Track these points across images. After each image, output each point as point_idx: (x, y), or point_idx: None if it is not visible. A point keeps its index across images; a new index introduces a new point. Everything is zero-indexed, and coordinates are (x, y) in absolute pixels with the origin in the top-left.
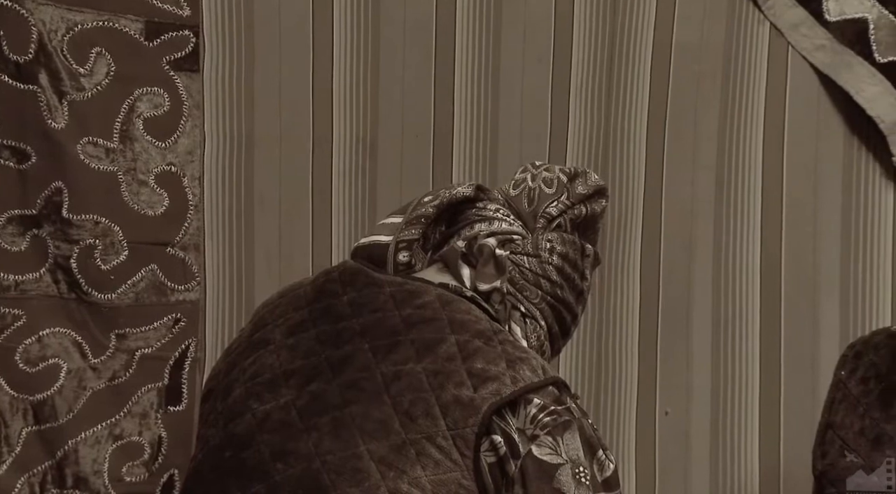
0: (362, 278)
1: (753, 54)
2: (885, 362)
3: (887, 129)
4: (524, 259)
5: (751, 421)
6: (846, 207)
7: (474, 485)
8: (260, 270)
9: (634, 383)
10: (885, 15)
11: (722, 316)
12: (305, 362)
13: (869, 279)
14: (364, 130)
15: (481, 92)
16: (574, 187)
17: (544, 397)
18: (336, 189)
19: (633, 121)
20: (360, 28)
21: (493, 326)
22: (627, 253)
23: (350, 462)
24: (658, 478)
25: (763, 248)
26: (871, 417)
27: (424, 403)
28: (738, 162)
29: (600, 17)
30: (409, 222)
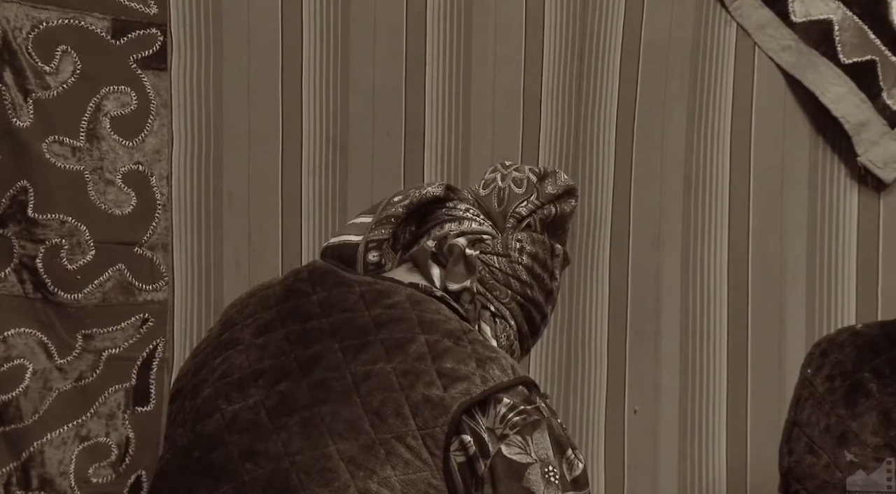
0: (332, 278)
1: (721, 55)
2: (850, 360)
3: (852, 130)
4: (494, 258)
5: (718, 419)
6: (812, 207)
7: (444, 485)
8: (229, 270)
9: (603, 382)
10: (849, 17)
11: (690, 316)
12: (275, 362)
13: (834, 278)
14: (334, 130)
15: (452, 91)
16: (544, 187)
17: (514, 396)
18: (306, 188)
19: (603, 122)
20: (330, 27)
21: (462, 326)
22: (596, 253)
23: (319, 462)
24: (627, 476)
25: (730, 247)
26: (836, 414)
27: (394, 403)
28: (705, 161)
29: (570, 18)
30: (379, 222)
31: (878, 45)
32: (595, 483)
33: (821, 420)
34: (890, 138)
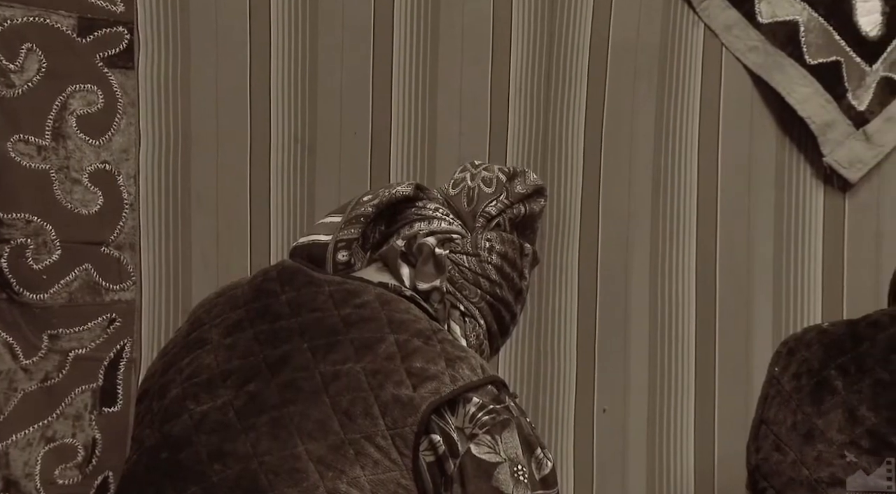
0: (301, 277)
1: (688, 55)
2: (816, 358)
3: (818, 130)
4: (463, 258)
5: (686, 418)
6: (779, 206)
7: (413, 485)
8: (197, 270)
9: (573, 381)
10: (814, 18)
11: (658, 315)
12: (243, 362)
13: (801, 277)
14: (302, 129)
15: (419, 91)
16: (513, 186)
17: (483, 396)
18: (274, 188)
19: (571, 122)
20: (298, 27)
21: (432, 325)
22: (566, 252)
23: (288, 463)
24: (596, 475)
25: (698, 247)
26: (803, 412)
27: (363, 403)
28: (673, 161)
29: (538, 18)
30: (349, 221)
31: (842, 46)
32: (564, 481)
33: (788, 418)
34: (855, 139)
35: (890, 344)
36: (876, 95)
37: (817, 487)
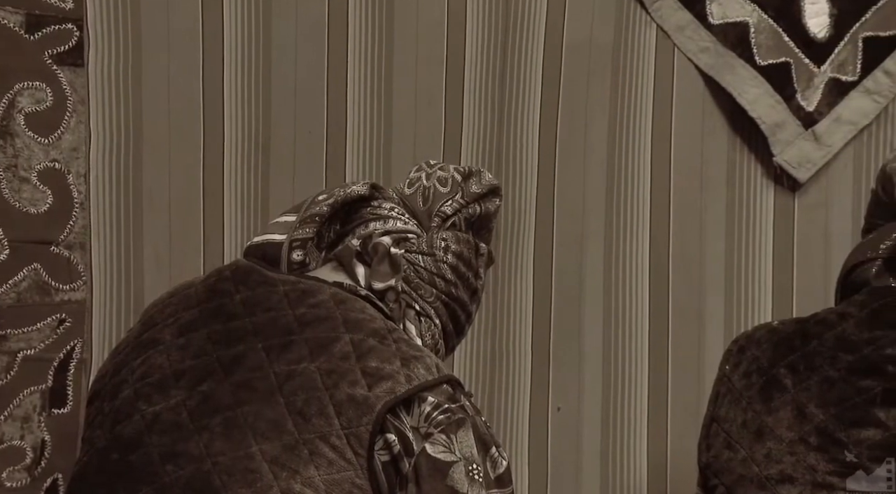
0: (255, 277)
1: (641, 55)
2: (766, 356)
3: (768, 130)
4: (419, 257)
5: (640, 416)
6: (730, 206)
7: (368, 484)
8: (149, 269)
9: (527, 380)
10: (764, 19)
11: (612, 313)
12: (196, 362)
13: (751, 275)
14: (256, 128)
15: (374, 90)
16: (468, 186)
17: (438, 395)
18: (228, 187)
19: (526, 121)
20: (251, 24)
21: (387, 325)
22: (520, 252)
23: (242, 463)
24: (550, 473)
25: (652, 246)
26: (753, 410)
27: (318, 402)
28: (627, 161)
29: (492, 18)
30: (304, 221)
31: (792, 47)
32: (519, 480)
33: (738, 416)
34: (804, 139)
35: (837, 342)
36: (824, 96)
37: (766, 484)
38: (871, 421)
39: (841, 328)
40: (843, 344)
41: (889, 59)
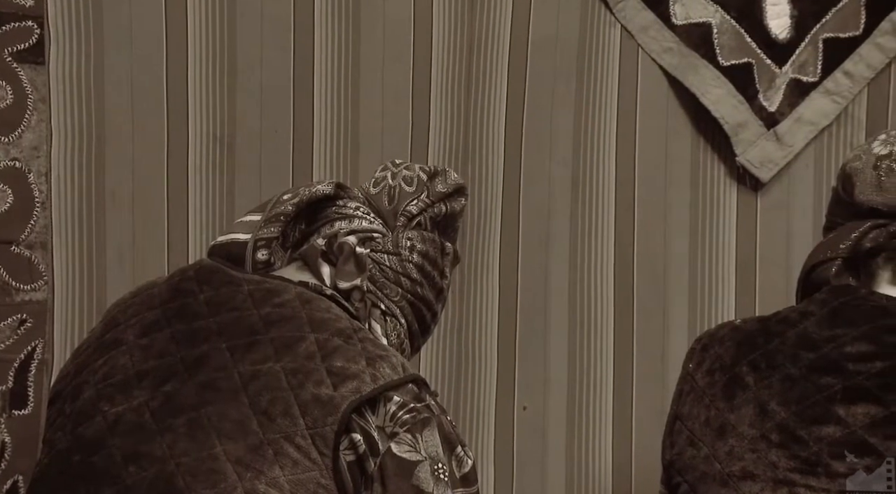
0: (220, 276)
1: (606, 55)
2: (729, 354)
3: (731, 130)
4: (384, 257)
5: (604, 414)
6: (694, 205)
7: (333, 484)
8: (112, 269)
9: (493, 379)
10: (727, 20)
11: (578, 312)
12: (160, 362)
13: (715, 274)
14: (221, 126)
15: (341, 89)
16: (434, 185)
17: (404, 394)
18: (192, 186)
19: (492, 121)
20: (216, 21)
21: (353, 324)
22: (486, 251)
23: (206, 464)
24: (516, 471)
25: (616, 245)
26: (716, 408)
27: (283, 402)
28: (592, 160)
29: (458, 16)
30: (268, 220)
31: (753, 48)
32: (484, 479)
33: (701, 414)
34: (766, 139)
35: (799, 340)
36: (786, 96)
37: (729, 481)
38: (831, 419)
39: (802, 326)
40: (804, 343)
41: (848, 60)
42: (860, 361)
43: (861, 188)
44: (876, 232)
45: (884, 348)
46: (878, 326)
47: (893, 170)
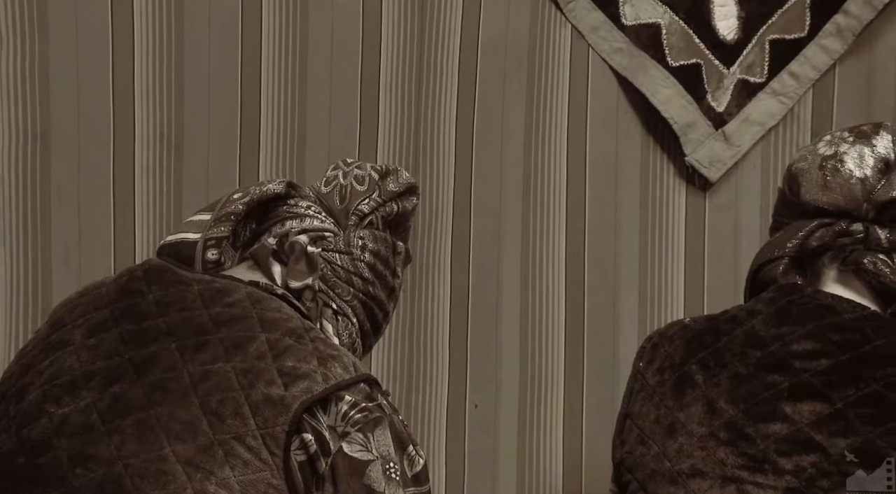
0: (169, 276)
1: (556, 55)
2: (678, 353)
3: (680, 130)
4: (336, 256)
5: (555, 413)
6: (644, 205)
7: (284, 484)
8: (58, 269)
9: (445, 377)
10: (676, 21)
11: (529, 311)
12: (107, 363)
13: (664, 273)
14: (168, 125)
15: (289, 88)
16: (385, 185)
17: (356, 394)
18: (139, 186)
19: (442, 120)
20: (163, 18)
21: (304, 324)
22: (438, 250)
23: (154, 465)
24: (467, 470)
25: (568, 244)
26: (665, 406)
27: (234, 402)
28: (543, 159)
29: (408, 12)
30: (218, 219)
31: (702, 48)
32: (436, 477)
33: (651, 412)
34: (714, 139)
35: (746, 338)
36: (734, 97)
37: (678, 478)
38: (778, 416)
39: (750, 325)
40: (751, 341)
41: (794, 61)
42: (806, 359)
43: (807, 188)
44: (822, 231)
45: (829, 346)
46: (823, 324)
47: (838, 170)
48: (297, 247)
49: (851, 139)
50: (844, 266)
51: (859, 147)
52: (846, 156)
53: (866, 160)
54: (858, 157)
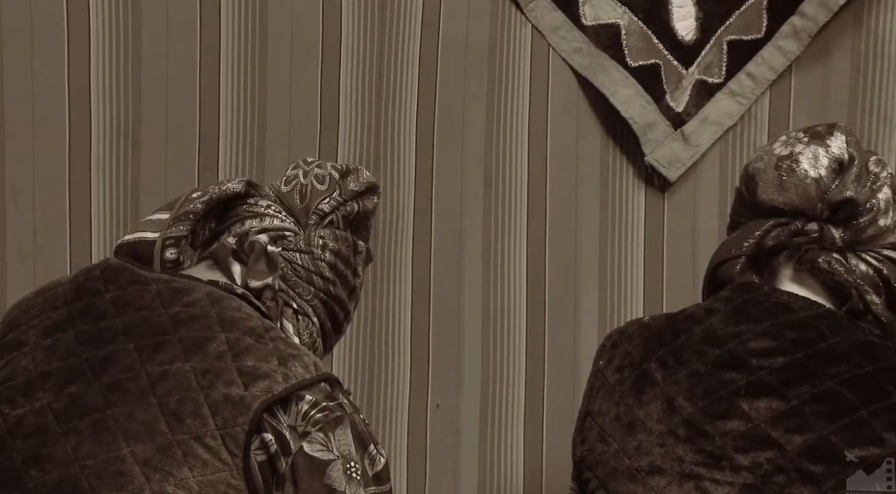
0: (126, 276)
1: (517, 54)
2: (638, 351)
3: (639, 130)
4: (296, 255)
5: (517, 411)
6: (604, 204)
7: (244, 484)
8: (13, 269)
9: (406, 377)
10: (635, 21)
11: (491, 310)
12: (64, 363)
13: (624, 272)
14: (126, 123)
15: (248, 86)
16: (346, 184)
17: (316, 393)
18: (95, 184)
19: (403, 119)
20: (120, 15)
21: (264, 323)
22: (399, 250)
23: (112, 466)
24: (429, 469)
25: (529, 243)
26: (625, 404)
27: (193, 402)
28: (504, 159)
29: (369, 9)
30: (177, 218)
31: (661, 49)
32: (398, 476)
33: (611, 410)
34: (673, 139)
35: (705, 336)
36: (692, 97)
37: (637, 475)
38: (735, 413)
39: (708, 323)
40: (709, 339)
41: (751, 62)
42: (763, 356)
43: (763, 188)
44: (778, 230)
45: (785, 344)
46: (779, 322)
47: (793, 171)
48: (257, 246)
49: (806, 140)
50: (800, 265)
51: (814, 147)
52: (801, 157)
53: (821, 160)
54: (813, 158)
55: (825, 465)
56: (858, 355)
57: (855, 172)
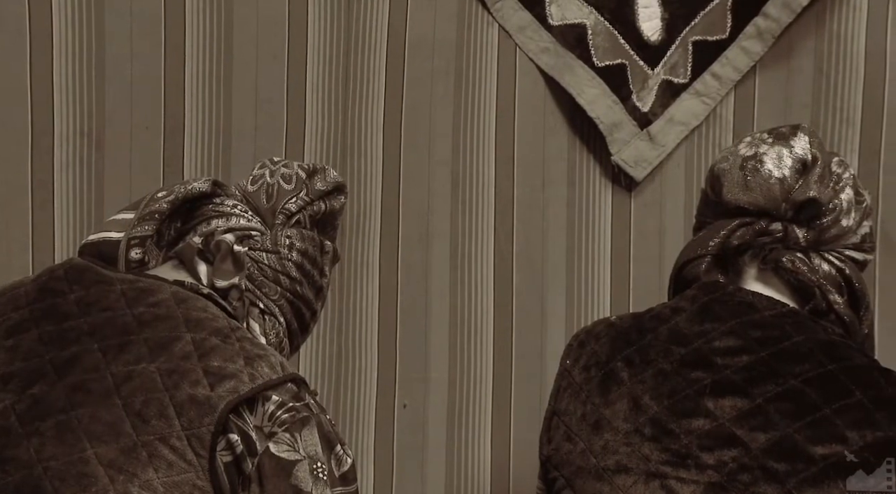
0: (91, 276)
1: (484, 54)
2: (604, 350)
3: (606, 130)
4: (263, 255)
5: (484, 411)
6: (571, 204)
7: (209, 486)
8: None
9: (373, 377)
10: (601, 22)
11: (458, 310)
12: (26, 364)
13: (591, 271)
14: (89, 123)
15: (213, 85)
16: (313, 183)
17: (283, 394)
18: (58, 183)
19: (370, 120)
20: (83, 13)
21: (230, 323)
22: (366, 250)
23: (75, 468)
24: (396, 469)
25: (496, 243)
26: (592, 403)
27: (158, 403)
28: (471, 159)
29: (335, 13)
30: (142, 218)
31: (627, 49)
32: (364, 477)
33: (578, 409)
34: (640, 139)
35: (671, 335)
36: (658, 97)
37: (603, 474)
38: (700, 412)
39: (674, 322)
40: (675, 338)
41: (716, 62)
42: (727, 355)
43: (728, 188)
44: (743, 230)
45: (750, 342)
46: (744, 321)
47: (758, 171)
48: (223, 245)
49: (771, 140)
50: (764, 264)
51: (778, 148)
52: (766, 157)
53: (784, 161)
54: (777, 158)
55: (789, 463)
56: (821, 354)
57: (818, 173)
